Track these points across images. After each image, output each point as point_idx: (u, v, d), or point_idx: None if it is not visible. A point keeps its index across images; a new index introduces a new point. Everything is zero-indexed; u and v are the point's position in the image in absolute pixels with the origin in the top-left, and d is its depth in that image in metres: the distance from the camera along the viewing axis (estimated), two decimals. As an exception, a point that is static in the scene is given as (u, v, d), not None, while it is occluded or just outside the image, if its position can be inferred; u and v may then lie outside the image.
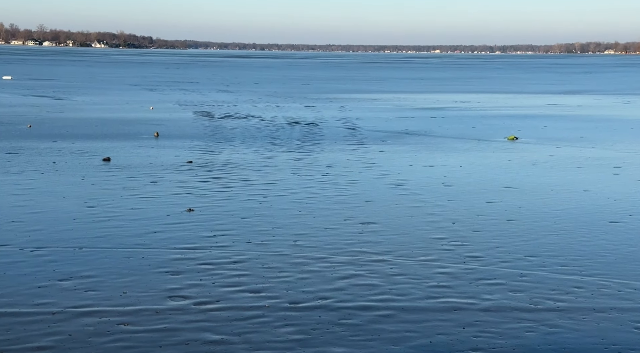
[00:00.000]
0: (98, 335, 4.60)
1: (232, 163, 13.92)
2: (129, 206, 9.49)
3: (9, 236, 7.65)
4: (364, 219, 8.85)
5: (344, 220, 8.81)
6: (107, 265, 6.43)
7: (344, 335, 4.75)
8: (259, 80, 54.44)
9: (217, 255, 6.89)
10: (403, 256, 6.97)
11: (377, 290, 5.81)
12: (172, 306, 5.26)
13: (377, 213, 9.34)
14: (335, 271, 6.34)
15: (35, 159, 13.95)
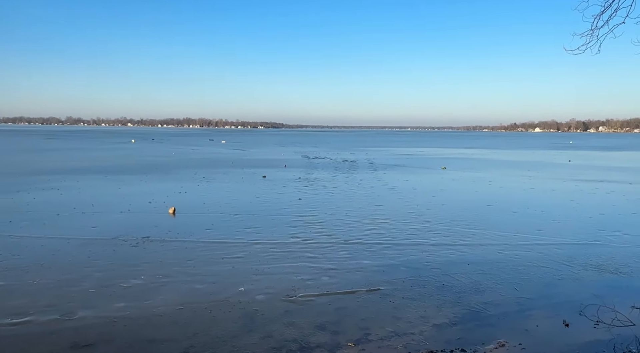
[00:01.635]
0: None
1: (318, 179, 24.90)
2: (274, 197, 17.93)
3: (225, 209, 15.44)
4: (377, 203, 16.88)
5: (367, 204, 16.83)
6: (263, 220, 14.13)
7: (368, 255, 12.52)
8: (330, 141, 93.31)
9: (314, 220, 14.43)
10: (392, 219, 14.77)
11: (386, 234, 13.57)
12: (293, 241, 12.46)
13: (382, 201, 17.32)
14: (365, 224, 14.00)
15: (233, 176, 25.58)
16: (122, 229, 12.34)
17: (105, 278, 8.42)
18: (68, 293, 7.68)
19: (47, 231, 11.89)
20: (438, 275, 8.97)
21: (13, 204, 15.58)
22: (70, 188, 19.71)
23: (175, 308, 7.14)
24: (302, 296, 7.73)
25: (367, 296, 7.79)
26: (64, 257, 9.70)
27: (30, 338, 6.10)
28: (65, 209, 14.88)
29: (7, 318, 6.65)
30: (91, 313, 6.91)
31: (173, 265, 9.27)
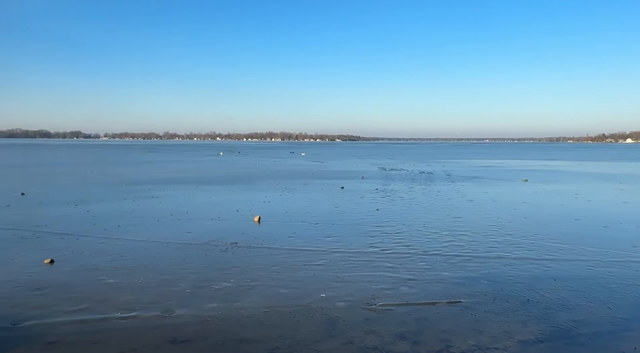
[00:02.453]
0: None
1: (395, 190, 24.45)
2: (352, 207, 17.90)
3: (306, 218, 15.74)
4: (455, 215, 16.31)
5: (446, 216, 16.32)
6: (342, 230, 14.11)
7: (448, 267, 12.09)
8: (406, 153, 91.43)
9: (392, 230, 14.29)
10: (472, 232, 14.17)
11: (465, 246, 13.07)
12: (372, 251, 12.30)
13: (460, 213, 16.70)
14: (443, 236, 13.54)
15: (313, 186, 25.94)
16: (213, 235, 12.98)
17: (199, 280, 8.90)
18: (167, 292, 8.20)
19: (149, 235, 12.81)
20: (522, 289, 8.46)
21: (121, 211, 16.97)
22: (167, 197, 21.10)
23: (262, 311, 7.36)
24: (381, 305, 7.65)
25: (448, 309, 7.53)
26: (163, 259, 10.39)
27: (136, 332, 6.58)
28: (164, 216, 15.94)
29: (117, 313, 7.24)
30: (187, 311, 7.32)
31: (259, 270, 9.58)
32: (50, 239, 12.26)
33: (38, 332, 6.50)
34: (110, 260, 10.22)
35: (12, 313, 7.14)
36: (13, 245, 11.60)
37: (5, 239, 12.20)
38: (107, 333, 6.50)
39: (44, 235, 12.69)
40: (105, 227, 13.89)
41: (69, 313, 7.15)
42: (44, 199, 19.91)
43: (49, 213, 16.42)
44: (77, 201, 19.37)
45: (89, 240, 12.16)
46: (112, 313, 7.19)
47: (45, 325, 6.73)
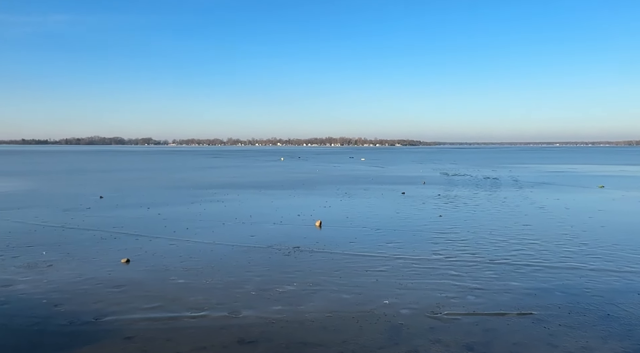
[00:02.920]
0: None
1: (458, 196, 23.92)
2: (414, 213, 17.64)
3: (367, 223, 15.67)
4: (524, 223, 15.58)
5: (514, 223, 15.65)
6: (404, 236, 13.87)
7: (517, 277, 11.53)
8: (469, 158, 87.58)
9: (456, 237, 13.80)
10: (543, 240, 13.41)
11: (536, 255, 12.39)
12: (435, 258, 11.81)
13: (530, 220, 15.93)
14: (511, 244, 12.87)
15: (373, 192, 25.98)
16: (276, 238, 13.24)
17: (263, 282, 9.10)
18: (234, 293, 8.46)
19: (215, 238, 13.29)
20: (601, 303, 7.91)
21: (189, 214, 17.74)
22: (232, 201, 21.80)
23: (325, 315, 7.40)
24: (447, 314, 7.44)
25: (518, 320, 7.19)
26: (229, 261, 10.74)
27: (205, 331, 6.83)
28: (229, 220, 16.48)
29: (187, 312, 7.56)
30: (253, 313, 7.51)
31: (321, 274, 9.64)
32: (126, 240, 13.05)
33: (117, 327, 6.93)
34: (180, 261, 10.71)
35: (95, 308, 7.67)
36: (94, 244, 12.46)
37: (87, 239, 13.14)
38: (179, 331, 6.81)
39: (120, 236, 13.54)
40: (175, 229, 14.58)
41: (144, 311, 7.57)
42: (120, 202, 21.23)
43: (124, 215, 17.49)
44: (149, 204, 20.48)
45: (160, 242, 12.82)
46: (183, 312, 7.52)
47: (123, 320, 7.16)
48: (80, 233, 14.02)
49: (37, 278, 9.30)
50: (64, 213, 17.74)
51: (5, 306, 7.69)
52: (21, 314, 7.37)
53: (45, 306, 7.74)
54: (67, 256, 11.17)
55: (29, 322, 7.08)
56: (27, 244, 12.42)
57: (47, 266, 10.19)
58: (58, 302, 7.92)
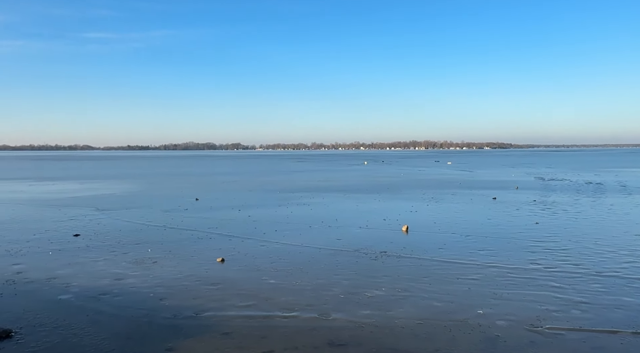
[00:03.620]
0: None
1: (556, 202, 22.49)
2: (507, 220, 16.80)
3: (456, 229, 15.23)
4: (636, 233, 14.19)
5: (623, 232, 14.36)
6: (496, 243, 13.10)
7: (630, 292, 10.39)
8: (567, 162, 79.41)
9: (555, 246, 12.78)
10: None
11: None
12: (533, 268, 10.87)
13: (642, 232, 14.52)
14: (621, 256, 11.66)
15: (462, 196, 25.32)
16: (362, 242, 13.23)
17: (351, 286, 9.13)
18: (322, 296, 8.59)
19: (302, 240, 13.60)
20: None
21: (277, 217, 18.34)
22: (317, 204, 22.17)
23: (416, 322, 7.25)
24: (549, 328, 6.94)
25: (634, 340, 6.50)
26: (317, 264, 10.92)
27: (296, 331, 7.00)
28: (315, 223, 16.77)
29: (279, 311, 7.80)
30: (342, 316, 7.56)
31: (409, 280, 9.46)
32: (220, 240, 13.79)
33: (215, 322, 7.34)
34: (271, 262, 11.09)
35: (195, 304, 8.19)
36: (192, 244, 13.32)
37: (186, 238, 14.08)
38: (272, 329, 7.04)
39: (215, 236, 14.33)
40: (265, 231, 15.13)
41: (239, 308, 7.93)
42: (213, 204, 22.50)
43: (217, 216, 18.50)
44: (239, 206, 21.48)
45: (251, 243, 13.38)
46: (275, 312, 7.77)
47: (220, 317, 7.57)
48: (180, 232, 15.06)
49: (144, 273, 10.14)
50: (164, 214, 19.18)
51: (119, 298, 8.47)
52: (132, 306, 8.08)
53: (151, 299, 8.41)
54: (169, 253, 12.05)
55: (138, 313, 7.73)
56: (134, 241, 13.59)
57: (152, 263, 11.07)
58: (163, 296, 8.57)
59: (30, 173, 53.88)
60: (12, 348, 6.41)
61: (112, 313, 7.72)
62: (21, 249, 12.59)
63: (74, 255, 11.86)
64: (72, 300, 8.38)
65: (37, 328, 7.09)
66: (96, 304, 8.14)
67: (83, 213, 19.42)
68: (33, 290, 8.99)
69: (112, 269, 10.50)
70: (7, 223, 17.10)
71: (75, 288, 9.08)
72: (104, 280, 9.64)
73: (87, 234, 14.74)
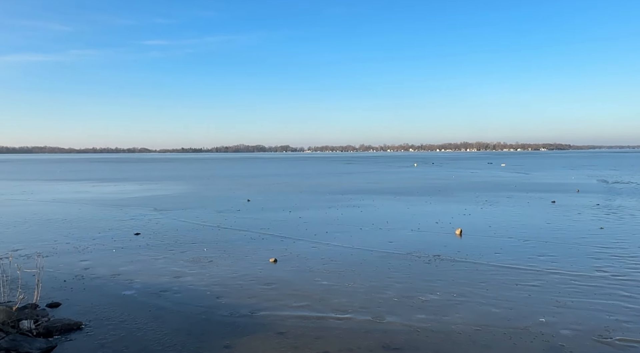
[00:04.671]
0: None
1: (622, 206, 21.44)
2: (568, 224, 16.20)
3: (513, 233, 14.68)
4: None
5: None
6: (558, 249, 12.50)
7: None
8: (634, 163, 75.40)
9: (623, 253, 12.04)
10: None
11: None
12: (599, 275, 10.18)
13: None
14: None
15: (517, 200, 24.95)
16: (414, 245, 13.02)
17: (405, 289, 9.01)
18: (376, 298, 8.52)
19: (354, 242, 13.56)
20: None
21: (327, 219, 18.40)
22: (367, 206, 22.05)
23: (473, 328, 7.04)
24: (619, 339, 6.54)
25: None
26: (369, 266, 10.85)
27: (350, 333, 6.98)
28: (366, 225, 16.68)
29: (333, 313, 7.82)
30: (397, 319, 7.47)
31: (465, 285, 9.21)
32: (272, 241, 14.01)
33: (270, 321, 7.46)
34: (323, 263, 11.14)
35: (250, 303, 8.36)
36: (245, 244, 13.61)
37: (239, 238, 14.41)
38: (326, 330, 7.07)
39: (267, 237, 14.58)
40: (316, 232, 15.22)
41: (294, 308, 8.02)
42: (265, 205, 22.90)
43: (269, 217, 18.81)
44: (290, 208, 21.74)
45: (303, 244, 13.50)
46: (329, 313, 7.79)
47: (275, 316, 7.68)
48: (233, 233, 15.43)
49: (201, 272, 10.46)
50: (218, 214, 19.72)
51: (178, 295, 8.79)
52: (191, 303, 8.36)
53: (209, 297, 8.67)
54: (224, 253, 12.38)
55: (197, 310, 7.99)
56: (191, 241, 14.07)
57: (208, 262, 11.40)
58: (219, 294, 8.81)
59: (94, 174, 57.08)
60: (83, 339, 6.80)
61: (173, 309, 8.03)
62: (87, 246, 13.35)
63: (136, 253, 12.43)
64: (136, 295, 8.79)
65: (105, 321, 7.48)
66: (157, 300, 8.49)
67: (142, 213, 20.33)
68: (100, 285, 9.50)
69: (171, 267, 10.92)
70: (74, 221, 18.19)
71: (137, 284, 9.52)
72: (164, 277, 10.04)
73: (147, 233, 15.41)
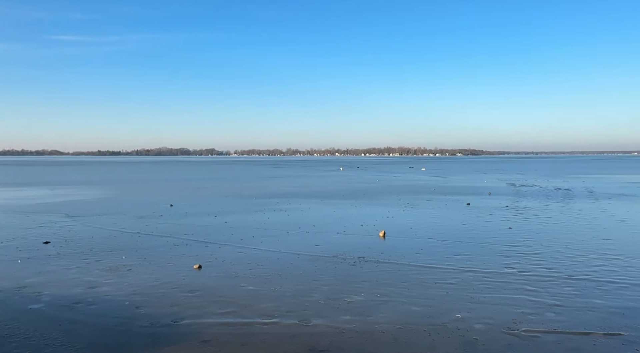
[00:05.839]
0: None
1: (528, 207, 22.89)
2: (481, 225, 17.08)
3: (432, 234, 15.38)
4: (604, 237, 14.61)
5: (592, 237, 14.76)
6: (472, 248, 13.29)
7: (600, 294, 10.68)
8: (537, 168, 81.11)
9: (529, 251, 13.08)
10: (627, 256, 12.39)
11: (620, 272, 11.28)
12: (508, 272, 11.07)
13: (610, 234, 14.95)
14: (591, 259, 12.02)
15: (436, 202, 25.56)
16: (340, 248, 13.26)
17: (331, 292, 9.13)
18: (302, 301, 8.56)
19: (281, 247, 13.53)
20: (700, 326, 7.23)
21: (254, 223, 18.21)
22: (294, 210, 22.13)
23: (395, 327, 7.29)
24: (525, 330, 7.09)
25: (606, 341, 6.71)
26: (296, 270, 10.88)
27: (277, 338, 6.95)
28: (293, 229, 16.72)
29: (259, 318, 7.73)
30: (323, 321, 7.55)
31: (388, 286, 9.53)
32: (196, 247, 13.59)
33: (194, 330, 7.22)
34: (249, 268, 10.99)
35: (173, 311, 8.04)
36: (167, 250, 13.09)
37: (161, 245, 13.82)
38: (252, 336, 6.97)
39: (191, 243, 14.13)
40: (242, 237, 15.00)
41: (219, 315, 7.83)
42: (189, 210, 22.18)
43: (193, 222, 18.24)
44: (215, 212, 21.25)
45: (228, 249, 13.24)
46: (255, 318, 7.70)
47: (199, 324, 7.45)
48: (155, 239, 14.78)
49: (118, 281, 9.89)
50: (138, 220, 18.79)
51: (93, 307, 8.24)
52: (107, 314, 7.87)
53: (127, 307, 8.22)
54: (144, 261, 11.81)
55: (114, 322, 7.53)
56: (108, 248, 13.26)
57: (127, 270, 10.82)
58: (139, 304, 8.38)
59: (-4, 179, 52.04)
60: (-19, 360, 6.16)
61: (87, 322, 7.51)
62: (-12, 257, 12.14)
63: (44, 263, 11.49)
64: (44, 309, 8.12)
65: (7, 339, 6.83)
66: (69, 313, 7.90)
67: (53, 220, 18.86)
68: (1, 299, 8.66)
69: (85, 277, 10.22)
70: (-29, 230, 16.46)
71: (46, 297, 8.80)
72: (77, 288, 9.37)
73: (58, 241, 14.31)
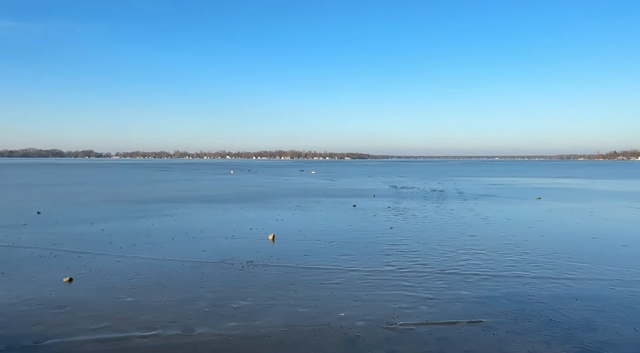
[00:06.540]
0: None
1: (407, 208, 24.60)
2: (365, 225, 17.86)
3: (320, 236, 15.72)
4: (470, 234, 16.21)
5: (460, 234, 16.24)
6: (357, 248, 14.01)
7: (466, 286, 11.94)
8: (416, 171, 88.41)
9: (407, 249, 14.11)
10: (488, 250, 14.01)
11: (483, 265, 12.89)
12: (388, 269, 11.91)
13: (475, 231, 16.60)
14: (459, 255, 13.38)
15: (325, 204, 25.87)
16: (228, 253, 13.00)
17: (217, 298, 8.89)
18: (186, 311, 8.21)
19: (165, 254, 12.86)
20: (543, 309, 8.35)
21: (136, 229, 17.08)
22: (181, 215, 21.22)
23: (282, 330, 7.33)
24: (402, 324, 7.58)
25: (469, 328, 7.44)
26: (180, 278, 10.42)
27: (156, 350, 6.56)
28: (179, 234, 16.01)
29: (138, 331, 7.24)
30: (207, 330, 7.31)
31: (276, 289, 9.56)
32: (68, 257, 12.36)
33: (61, 350, 6.52)
34: (128, 279, 10.27)
35: (35, 331, 7.18)
36: (32, 263, 11.70)
37: (24, 257, 12.32)
38: (130, 351, 6.50)
39: (61, 254, 12.80)
40: (121, 245, 13.98)
41: (91, 332, 7.17)
42: (60, 218, 20.12)
43: (65, 231, 16.57)
44: (92, 219, 19.55)
45: (105, 259, 12.24)
46: (133, 332, 7.19)
47: (67, 343, 6.75)
48: (16, 250, 13.14)
49: (-32, 301, 8.60)
50: (-3, 230, 16.57)
51: None
52: (-49, 340, 6.79)
53: (-22, 331, 7.17)
54: (2, 276, 10.43)
55: (-40, 348, 6.53)
56: (-45, 264, 11.48)
57: (-20, 288, 9.45)
58: (-7, 326, 7.36)
59: None
60: None
61: None
62: None
63: None
64: None
65: None
66: None
67: None
68: None
69: None
70: None
71: None
72: None
73: None
